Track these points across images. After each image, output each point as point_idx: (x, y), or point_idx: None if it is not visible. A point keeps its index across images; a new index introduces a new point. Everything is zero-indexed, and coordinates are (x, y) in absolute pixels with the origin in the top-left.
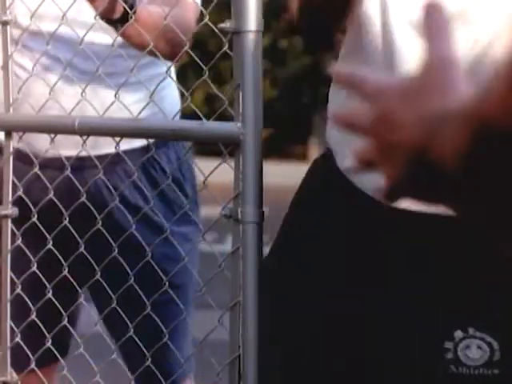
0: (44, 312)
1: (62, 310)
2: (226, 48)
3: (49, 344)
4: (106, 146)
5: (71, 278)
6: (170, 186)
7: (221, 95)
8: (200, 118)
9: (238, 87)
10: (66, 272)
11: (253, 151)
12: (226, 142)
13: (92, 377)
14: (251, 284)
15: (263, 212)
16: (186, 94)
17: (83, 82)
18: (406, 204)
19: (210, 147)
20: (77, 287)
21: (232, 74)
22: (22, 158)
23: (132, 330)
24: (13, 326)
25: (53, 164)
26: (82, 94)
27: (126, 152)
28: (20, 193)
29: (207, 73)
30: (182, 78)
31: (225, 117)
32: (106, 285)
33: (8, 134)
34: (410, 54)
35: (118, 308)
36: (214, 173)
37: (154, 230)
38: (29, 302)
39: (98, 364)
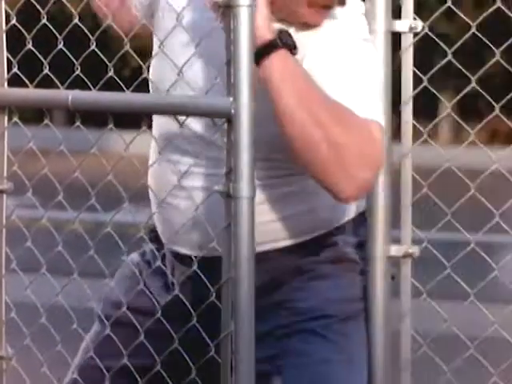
0: None
1: None
2: (218, 23)
3: None
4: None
5: None
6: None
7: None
8: None
9: (229, 62)
10: None
11: (244, 126)
12: (218, 116)
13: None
14: (244, 260)
15: (255, 187)
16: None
17: None
18: None
19: None
20: None
21: None
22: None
23: None
24: None
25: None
26: None
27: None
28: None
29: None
30: None
31: None
32: None
33: (2, 109)
34: None
35: None
36: None
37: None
38: None
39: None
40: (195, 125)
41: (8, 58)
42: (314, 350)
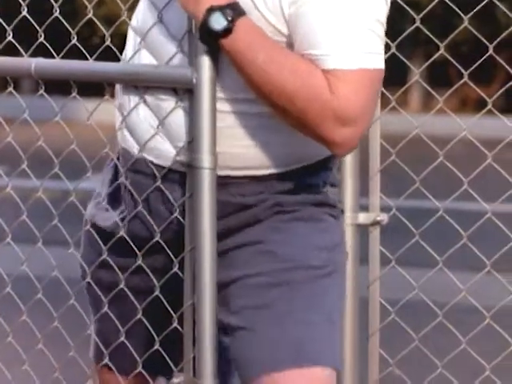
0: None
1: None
2: None
3: None
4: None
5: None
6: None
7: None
8: None
9: (190, 32)
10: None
11: (206, 96)
12: (179, 85)
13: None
14: (205, 230)
15: (216, 157)
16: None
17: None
18: None
19: None
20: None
21: None
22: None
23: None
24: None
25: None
26: None
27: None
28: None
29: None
30: None
31: None
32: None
33: None
34: None
35: None
36: None
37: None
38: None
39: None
40: (157, 94)
41: None
42: (295, 307)
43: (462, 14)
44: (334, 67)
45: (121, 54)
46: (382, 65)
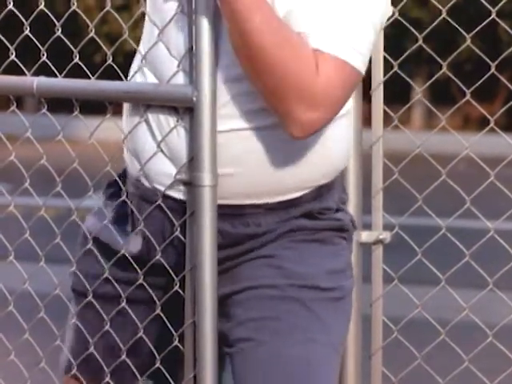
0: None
1: None
2: (179, 10)
3: None
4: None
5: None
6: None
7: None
8: None
9: (190, 50)
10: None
11: (206, 114)
12: (180, 104)
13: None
14: (206, 247)
15: (217, 176)
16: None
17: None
18: None
19: None
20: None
21: None
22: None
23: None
24: None
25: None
26: None
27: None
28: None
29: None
30: None
31: None
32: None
33: None
34: None
35: None
36: None
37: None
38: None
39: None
40: (159, 113)
41: None
42: (301, 324)
43: (464, 33)
44: (318, 47)
45: (123, 72)
46: (362, 68)
